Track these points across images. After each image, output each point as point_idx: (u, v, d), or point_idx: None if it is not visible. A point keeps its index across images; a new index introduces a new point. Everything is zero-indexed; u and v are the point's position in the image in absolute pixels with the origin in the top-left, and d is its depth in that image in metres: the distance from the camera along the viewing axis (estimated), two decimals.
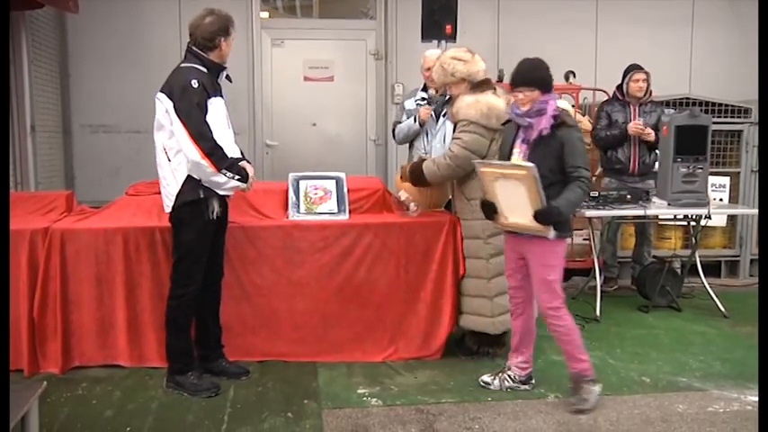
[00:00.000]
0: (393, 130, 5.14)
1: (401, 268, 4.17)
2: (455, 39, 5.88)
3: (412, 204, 4.26)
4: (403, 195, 4.31)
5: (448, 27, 5.96)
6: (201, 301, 3.77)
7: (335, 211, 4.30)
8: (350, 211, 4.31)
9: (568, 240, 5.96)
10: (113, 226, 4.01)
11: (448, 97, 4.97)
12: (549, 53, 3.83)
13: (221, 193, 3.60)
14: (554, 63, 3.72)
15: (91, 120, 6.73)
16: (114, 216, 4.18)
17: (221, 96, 3.66)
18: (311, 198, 4.34)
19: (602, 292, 5.29)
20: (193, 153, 3.44)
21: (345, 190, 4.38)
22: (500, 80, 6.78)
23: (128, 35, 6.68)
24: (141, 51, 6.62)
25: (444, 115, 4.97)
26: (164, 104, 3.52)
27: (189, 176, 3.53)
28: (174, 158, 3.55)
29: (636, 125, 5.45)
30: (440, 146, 4.78)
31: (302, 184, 4.38)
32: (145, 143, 6.11)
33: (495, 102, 3.89)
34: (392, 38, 7.03)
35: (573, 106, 6.25)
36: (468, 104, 3.91)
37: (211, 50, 3.60)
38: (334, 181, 4.41)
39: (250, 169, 3.68)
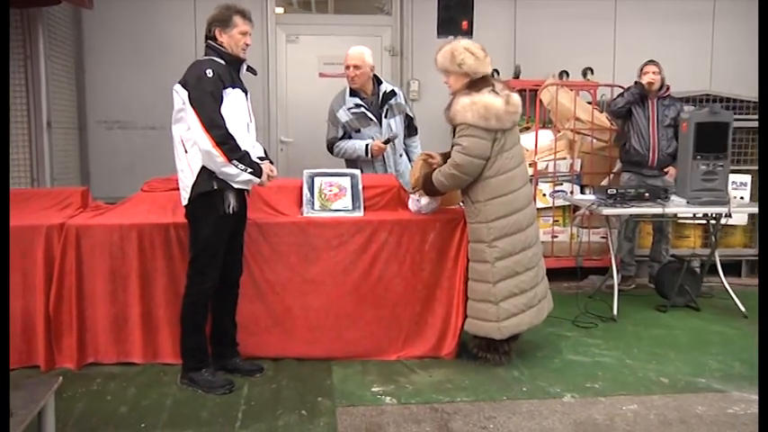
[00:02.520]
0: (329, 148, 5.04)
1: (416, 266, 4.17)
2: (471, 34, 5.87)
3: (423, 199, 4.21)
4: (417, 194, 4.28)
5: (464, 23, 5.96)
6: (219, 299, 3.78)
7: (350, 208, 4.30)
8: (365, 208, 4.31)
9: (585, 238, 5.99)
10: (128, 222, 4.03)
11: (382, 97, 4.96)
12: (566, 49, 3.81)
13: (236, 186, 3.59)
14: (571, 59, 3.71)
15: (106, 116, 6.77)
16: (129, 212, 4.20)
17: (242, 90, 3.66)
18: (326, 195, 4.34)
19: (619, 290, 5.25)
20: (205, 142, 3.44)
21: (360, 187, 4.37)
22: (516, 76, 6.77)
23: (143, 31, 6.71)
24: (156, 47, 6.65)
25: (386, 116, 4.97)
26: (180, 96, 3.53)
27: (203, 167, 3.53)
28: (191, 150, 3.55)
29: None
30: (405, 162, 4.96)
31: (317, 180, 4.38)
32: (160, 139, 6.15)
33: (492, 101, 3.79)
34: (408, 34, 7.02)
35: (590, 103, 6.23)
36: (464, 107, 3.81)
37: (215, 41, 3.63)
38: (348, 178, 4.41)
39: (266, 168, 3.68)
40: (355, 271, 4.13)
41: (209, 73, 3.49)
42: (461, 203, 4.17)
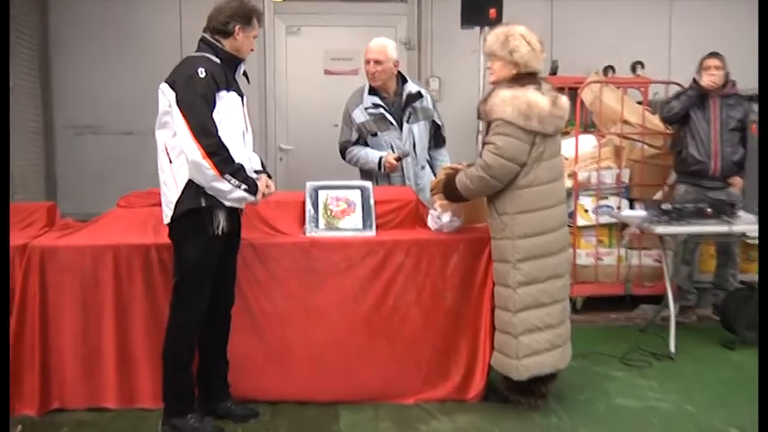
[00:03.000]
0: (342, 152, 5.12)
1: (437, 293, 4.18)
2: (500, 23, 5.90)
3: (446, 215, 4.25)
4: (438, 207, 4.30)
5: (492, 11, 6.00)
6: (207, 331, 3.81)
7: (360, 226, 4.32)
8: (377, 227, 4.33)
9: (635, 261, 5.98)
10: (102, 243, 4.06)
11: (406, 98, 5.01)
12: (612, 41, 3.85)
13: (227, 204, 3.61)
14: (618, 52, 3.74)
15: (76, 119, 6.83)
16: (103, 231, 4.23)
17: (238, 94, 3.72)
18: (332, 211, 4.37)
19: (677, 323, 5.23)
20: (193, 151, 3.46)
21: (372, 202, 4.40)
22: (553, 73, 6.81)
23: (120, 23, 6.80)
24: (136, 42, 6.74)
25: (409, 120, 5.01)
26: (167, 97, 3.57)
27: (190, 181, 3.56)
28: (177, 160, 3.58)
29: None
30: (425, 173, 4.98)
31: (321, 194, 4.41)
32: (140, 146, 6.21)
33: (537, 99, 3.82)
34: (427, 24, 7.08)
35: (640, 103, 6.25)
36: (504, 100, 3.83)
37: (225, 38, 3.67)
38: (358, 191, 4.44)
39: (261, 184, 3.73)
40: (366, 299, 4.15)
41: (202, 72, 3.53)
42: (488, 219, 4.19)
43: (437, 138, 5.24)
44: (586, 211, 6.13)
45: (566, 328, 4.09)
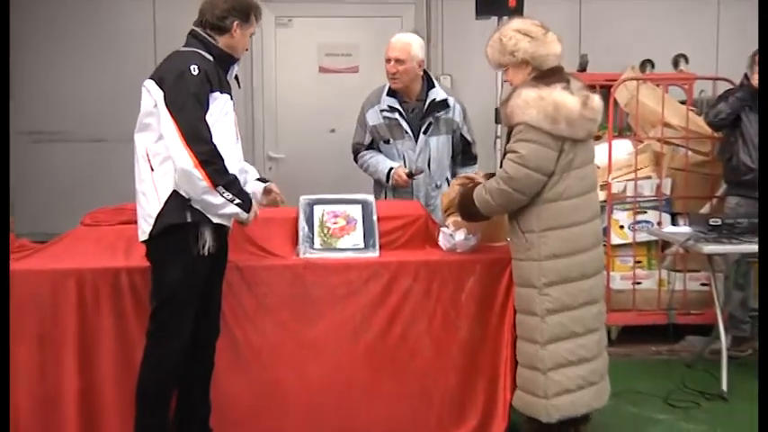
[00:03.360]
0: (355, 156, 5.19)
1: (451, 323, 4.18)
2: (521, 14, 5.92)
3: (459, 233, 4.24)
4: (450, 224, 4.30)
5: None
6: (188, 368, 3.78)
7: (362, 245, 4.32)
8: (381, 246, 4.33)
9: (679, 285, 5.95)
10: (64, 267, 4.04)
11: (428, 106, 5.01)
12: (650, 31, 3.83)
13: (215, 220, 3.61)
14: (658, 44, 3.73)
15: (33, 125, 6.84)
16: (65, 254, 4.22)
17: (230, 96, 3.73)
18: (329, 229, 4.37)
19: (729, 357, 5.21)
20: (184, 158, 3.45)
21: (375, 218, 4.40)
22: (583, 69, 6.81)
23: (86, 15, 6.81)
24: (104, 41, 6.73)
25: (426, 133, 5.01)
26: (152, 95, 3.57)
27: (175, 192, 3.55)
28: (160, 167, 3.58)
29: None
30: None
31: (317, 209, 4.41)
32: (109, 155, 6.22)
33: (565, 99, 3.80)
34: (437, 14, 7.11)
35: (683, 102, 6.24)
36: (527, 102, 3.80)
37: (221, 35, 3.70)
38: (359, 206, 4.45)
39: (255, 205, 3.74)
40: (369, 330, 4.14)
41: (195, 70, 3.54)
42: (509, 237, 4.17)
43: (465, 155, 5.25)
44: (621, 227, 6.12)
45: (602, 361, 4.06)
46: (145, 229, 3.65)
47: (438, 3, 7.06)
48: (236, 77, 3.87)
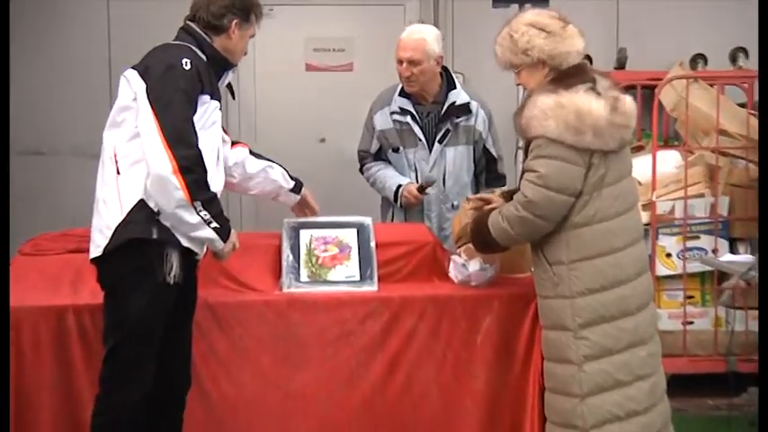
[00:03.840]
0: (361, 166, 5.24)
1: (464, 370, 4.19)
2: (547, 2, 5.96)
3: (473, 263, 4.26)
4: (463, 252, 4.32)
5: None
6: (152, 425, 3.73)
7: (357, 278, 4.34)
8: (380, 279, 4.35)
9: (739, 326, 5.94)
10: None
11: (446, 110, 5.03)
12: (698, 24, 3.85)
13: (185, 243, 3.59)
14: (709, 38, 3.74)
15: None
16: None
17: (220, 106, 3.79)
18: (318, 258, 4.39)
19: None
20: (161, 162, 3.41)
21: (373, 244, 4.43)
22: (620, 66, 6.84)
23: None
24: (54, 39, 6.81)
25: (441, 141, 5.02)
26: (132, 87, 3.57)
27: (142, 202, 3.52)
28: (128, 171, 3.55)
29: None
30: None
31: (304, 235, 4.44)
32: (55, 170, 6.24)
33: (590, 105, 3.72)
34: (446, 2, 7.13)
35: (743, 105, 6.26)
36: (545, 111, 3.74)
37: (217, 34, 3.76)
38: (354, 230, 4.48)
39: (234, 235, 3.75)
40: (367, 379, 4.15)
41: (187, 64, 3.57)
42: (532, 269, 4.19)
43: (489, 172, 5.28)
44: (669, 255, 6.12)
45: (657, 414, 3.97)
46: (99, 242, 3.57)
47: None
48: (230, 87, 3.90)
